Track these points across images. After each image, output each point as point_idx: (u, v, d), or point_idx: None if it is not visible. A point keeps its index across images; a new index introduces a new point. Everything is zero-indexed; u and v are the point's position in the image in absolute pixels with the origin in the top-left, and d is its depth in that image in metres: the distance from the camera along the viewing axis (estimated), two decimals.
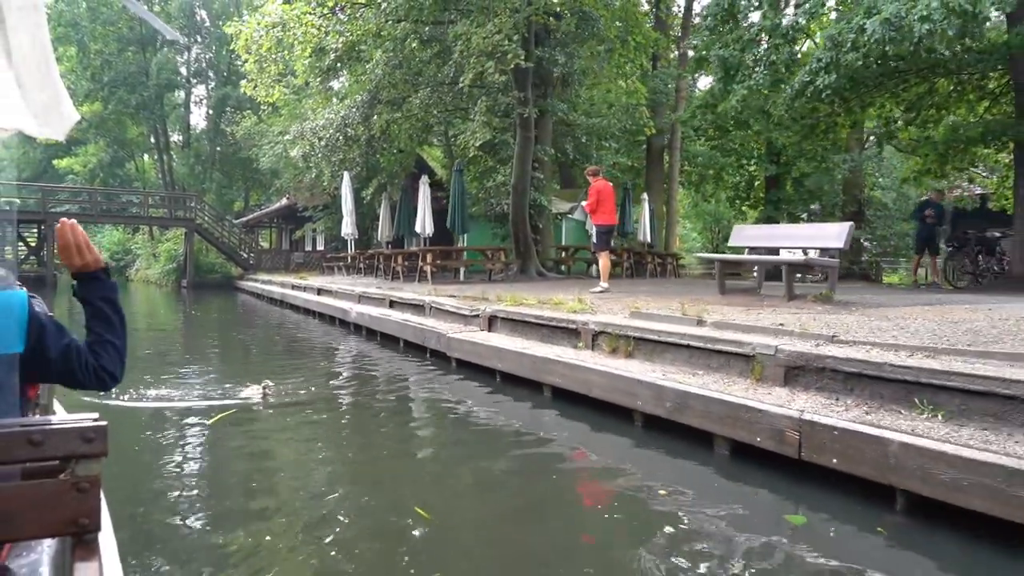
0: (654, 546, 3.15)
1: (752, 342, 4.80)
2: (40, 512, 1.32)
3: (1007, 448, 3.10)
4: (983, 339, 4.50)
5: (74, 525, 1.34)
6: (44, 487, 1.34)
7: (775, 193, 24.63)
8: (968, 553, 3.03)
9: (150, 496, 3.82)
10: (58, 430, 1.36)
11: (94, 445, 1.37)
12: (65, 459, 1.37)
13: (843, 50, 10.33)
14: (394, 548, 3.13)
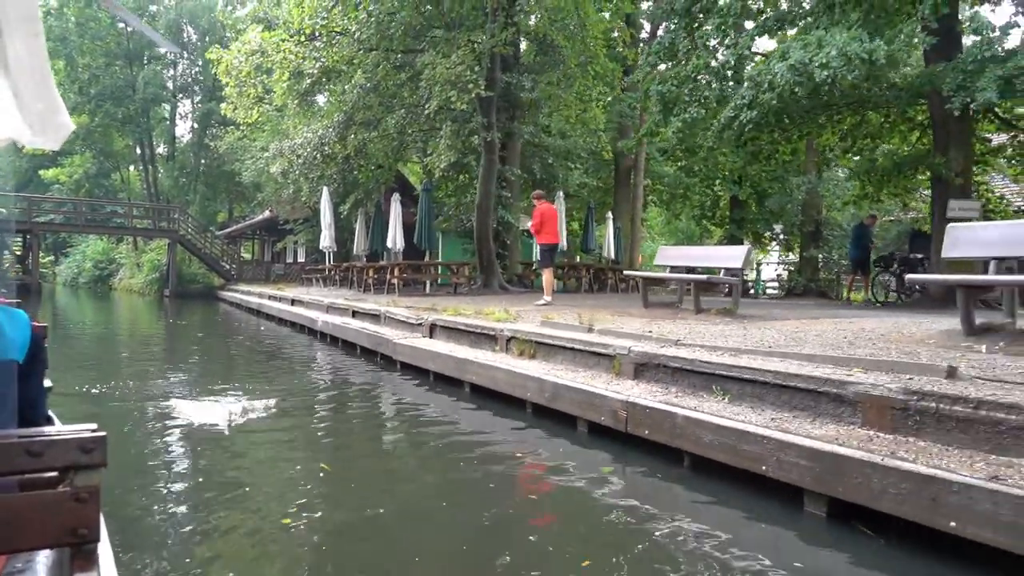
0: (523, 490, 4.36)
1: (616, 344, 6.02)
2: (39, 523, 1.32)
3: (751, 419, 4.32)
4: (800, 344, 5.71)
5: (73, 535, 1.34)
6: (44, 498, 1.35)
7: (739, 213, 25.96)
8: (714, 492, 4.22)
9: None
10: (57, 441, 1.36)
11: (93, 456, 1.38)
12: (64, 470, 1.37)
13: (761, 89, 11.66)
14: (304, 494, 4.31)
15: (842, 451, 3.55)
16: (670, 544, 3.47)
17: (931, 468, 3.18)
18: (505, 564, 3.28)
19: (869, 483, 3.38)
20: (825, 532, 3.60)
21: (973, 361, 4.57)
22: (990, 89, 10.69)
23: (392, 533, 3.63)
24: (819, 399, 4.26)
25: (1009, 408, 3.37)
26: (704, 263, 10.17)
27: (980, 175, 17.10)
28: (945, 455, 3.41)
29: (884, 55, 11.03)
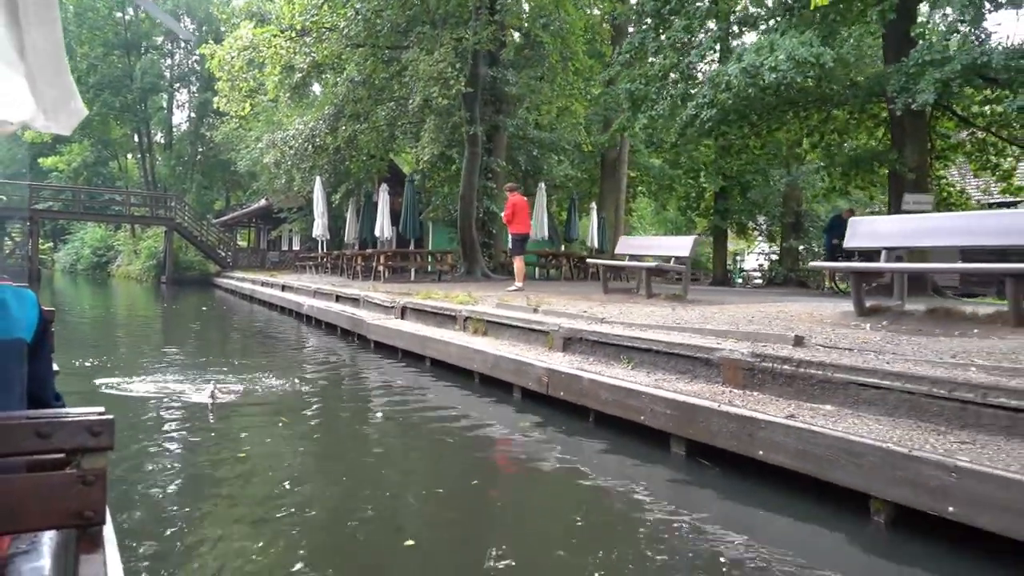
0: (463, 443, 5.29)
1: (550, 322, 6.94)
2: (46, 504, 1.33)
3: (641, 380, 5.24)
4: (708, 322, 6.61)
5: (79, 518, 1.36)
6: (51, 479, 1.37)
7: (722, 204, 26.78)
8: (608, 440, 5.12)
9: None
10: (66, 423, 1.38)
11: (101, 439, 1.39)
12: (72, 452, 1.38)
13: (719, 89, 12.52)
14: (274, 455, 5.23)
15: (694, 401, 4.47)
16: (568, 479, 4.42)
17: (750, 411, 4.10)
18: (443, 493, 4.21)
19: (710, 425, 4.30)
20: (684, 467, 4.52)
21: (841, 334, 5.47)
22: (928, 91, 11.54)
23: (363, 473, 4.56)
24: (695, 363, 5.18)
25: (818, 366, 4.29)
26: (658, 252, 11.06)
27: (941, 169, 17.94)
28: (770, 403, 4.33)
29: (831, 59, 11.91)
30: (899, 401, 3.87)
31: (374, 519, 3.67)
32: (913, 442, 3.38)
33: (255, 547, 3.21)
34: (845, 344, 4.94)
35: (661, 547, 3.30)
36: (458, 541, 3.49)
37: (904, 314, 6.42)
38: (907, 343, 4.98)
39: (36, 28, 1.61)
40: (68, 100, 1.72)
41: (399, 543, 3.31)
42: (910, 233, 6.79)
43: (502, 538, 3.46)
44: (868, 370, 4.06)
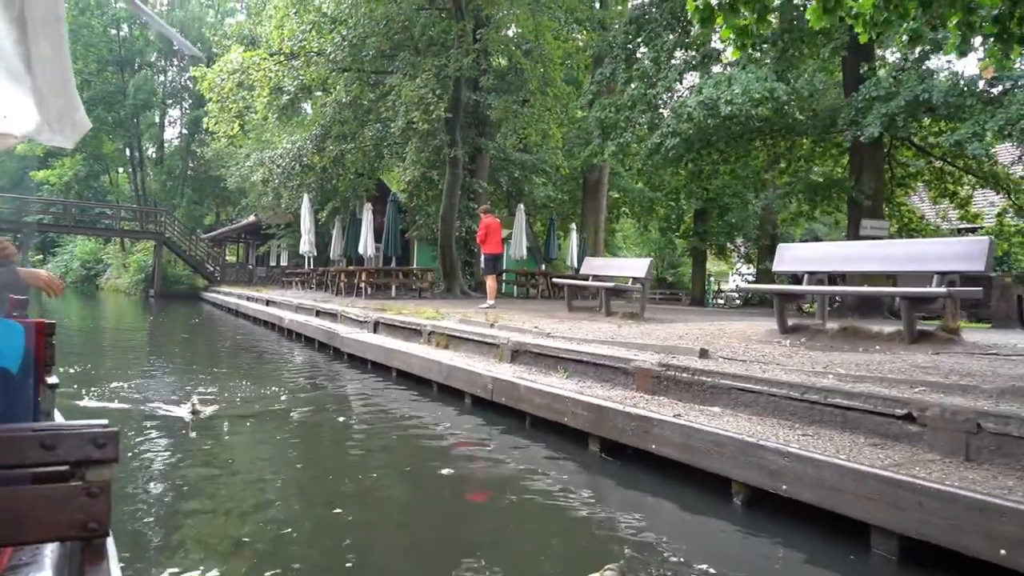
0: (416, 444, 5.99)
1: (501, 336, 7.67)
2: (51, 516, 1.35)
3: (569, 386, 5.96)
4: (645, 337, 7.34)
5: (84, 529, 1.38)
6: (56, 491, 1.38)
7: (702, 226, 27.67)
8: (540, 440, 5.82)
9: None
10: (70, 435, 1.40)
11: (105, 451, 1.41)
12: (76, 464, 1.40)
13: (681, 120, 13.36)
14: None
15: (607, 404, 5.20)
16: (497, 472, 5.12)
17: (646, 411, 4.83)
18: (397, 485, 4.92)
19: (617, 424, 5.02)
20: (597, 462, 5.23)
21: (754, 348, 6.22)
22: (875, 125, 12.43)
23: (328, 464, 5.26)
24: (615, 372, 5.92)
25: (709, 374, 5.03)
26: (618, 273, 11.80)
27: (902, 196, 18.83)
28: (670, 404, 5.06)
29: (785, 93, 12.77)
30: (767, 403, 4.61)
31: (328, 507, 4.37)
32: (765, 435, 4.12)
33: (234, 553, 3.82)
34: (746, 357, 5.69)
35: (566, 526, 4.02)
36: (395, 510, 4.20)
37: (821, 332, 7.17)
38: (803, 356, 5.73)
39: (44, 42, 1.65)
40: (73, 113, 1.75)
41: (335, 511, 4.02)
42: (824, 259, 7.58)
43: (437, 513, 4.17)
44: (745, 377, 4.81)
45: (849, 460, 3.54)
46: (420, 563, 3.55)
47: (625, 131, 14.90)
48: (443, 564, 3.42)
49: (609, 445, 5.20)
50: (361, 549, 3.61)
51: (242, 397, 7.65)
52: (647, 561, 3.41)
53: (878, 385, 4.25)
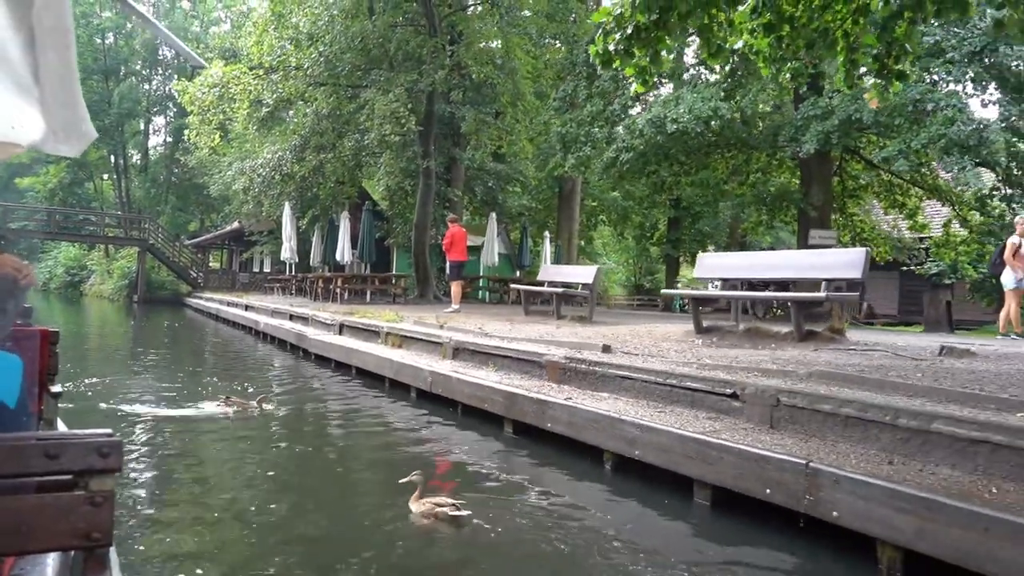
0: (364, 432, 6.90)
1: (445, 336, 8.60)
2: (55, 525, 1.37)
3: (493, 378, 6.89)
4: (573, 336, 8.28)
5: (87, 539, 1.39)
6: (60, 500, 1.40)
7: (675, 233, 28.70)
8: (468, 426, 6.73)
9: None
10: (74, 444, 1.42)
11: (109, 460, 1.43)
12: (80, 473, 1.41)
13: (634, 136, 14.37)
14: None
15: (517, 391, 6.14)
16: (426, 450, 6.05)
17: (545, 396, 5.77)
18: (346, 466, 5.83)
19: (524, 408, 5.96)
20: (512, 442, 6.16)
21: (663, 345, 7.17)
22: (812, 142, 13.47)
23: (294, 447, 6.17)
24: (532, 365, 6.87)
25: (600, 365, 5.98)
26: (569, 279, 12.75)
27: (854, 207, 19.90)
28: (570, 391, 6.00)
29: (729, 111, 13.80)
30: (641, 387, 5.56)
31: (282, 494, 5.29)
32: (630, 412, 5.06)
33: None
34: (644, 352, 6.64)
35: (474, 489, 4.95)
36: (341, 484, 5.12)
37: (730, 332, 8.13)
38: (696, 352, 6.70)
39: (51, 52, 1.66)
40: (80, 123, 1.77)
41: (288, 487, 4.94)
42: (735, 268, 8.59)
43: (378, 484, 5.10)
44: (627, 367, 5.76)
45: (679, 428, 4.49)
46: (368, 497, 4.47)
47: (584, 145, 15.91)
48: (382, 506, 4.35)
49: (519, 426, 6.13)
50: (307, 510, 4.53)
51: (211, 392, 8.54)
52: (534, 511, 4.35)
53: (725, 372, 5.21)
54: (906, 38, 6.62)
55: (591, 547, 3.73)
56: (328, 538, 3.85)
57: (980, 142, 12.05)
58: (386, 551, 3.67)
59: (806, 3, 6.75)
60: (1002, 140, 11.97)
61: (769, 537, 3.82)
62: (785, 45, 7.03)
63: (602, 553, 3.65)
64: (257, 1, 21.77)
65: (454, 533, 3.86)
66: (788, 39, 6.96)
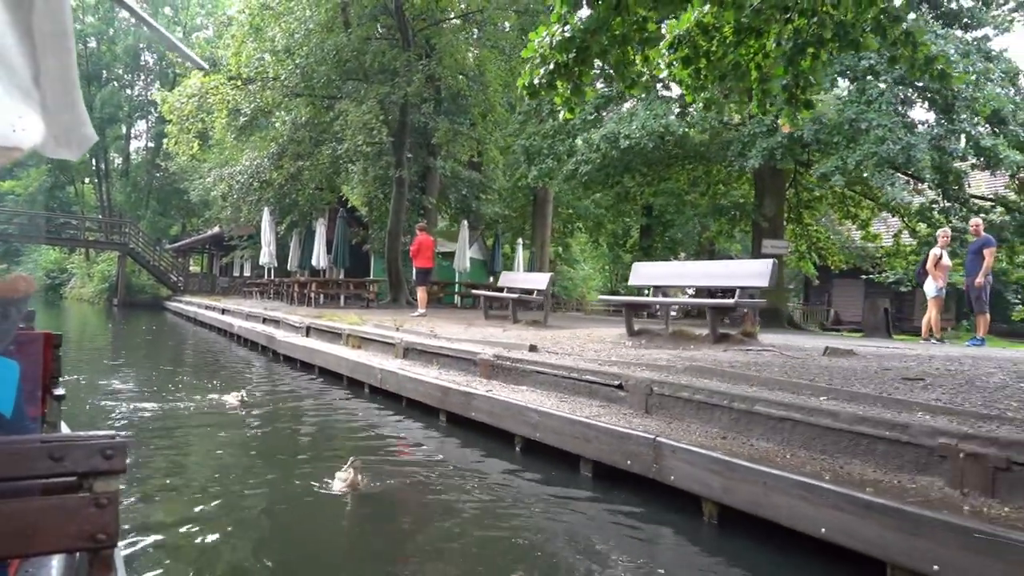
0: (321, 425, 7.71)
1: (398, 337, 9.43)
2: (59, 527, 1.38)
3: (432, 374, 7.72)
4: (517, 339, 9.12)
5: (92, 540, 1.41)
6: (64, 502, 1.42)
7: (647, 241, 29.63)
8: (413, 416, 7.55)
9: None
10: (78, 446, 1.44)
11: (114, 462, 1.45)
12: (84, 475, 1.43)
13: (592, 149, 15.27)
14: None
15: (449, 385, 6.98)
16: (372, 438, 6.87)
17: (471, 389, 6.61)
18: (301, 451, 6.65)
19: (454, 400, 6.80)
20: (444, 430, 6.99)
21: (592, 346, 8.02)
22: (756, 157, 14.41)
23: (256, 429, 6.98)
24: (467, 363, 7.71)
25: (521, 362, 6.84)
26: (525, 285, 13.59)
27: (810, 218, 20.90)
28: (495, 385, 6.85)
29: (679, 127, 14.72)
30: (552, 381, 6.42)
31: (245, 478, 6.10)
32: (537, 402, 5.91)
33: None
34: (570, 351, 7.50)
35: (408, 468, 5.78)
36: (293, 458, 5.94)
37: (658, 335, 9.00)
38: (616, 351, 7.55)
39: (52, 56, 1.67)
40: (80, 127, 1.78)
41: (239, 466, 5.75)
42: (665, 276, 9.47)
43: (325, 455, 5.92)
44: (542, 363, 6.62)
45: (568, 413, 5.35)
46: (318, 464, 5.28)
47: (547, 157, 16.80)
48: (315, 488, 5.17)
49: (451, 416, 6.97)
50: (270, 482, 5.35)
51: (182, 393, 9.33)
52: (449, 485, 5.19)
53: (619, 368, 6.07)
54: (811, 71, 7.49)
55: (491, 512, 4.57)
56: (270, 513, 4.67)
57: (908, 160, 13.02)
58: (320, 523, 4.50)
59: (720, 39, 7.62)
60: (928, 158, 12.92)
61: (630, 499, 4.68)
62: (703, 76, 7.88)
63: (497, 516, 4.49)
64: (236, 11, 22.44)
65: (371, 503, 4.69)
66: (705, 71, 7.83)
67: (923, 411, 3.93)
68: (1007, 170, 13.98)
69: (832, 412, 4.07)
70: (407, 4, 18.93)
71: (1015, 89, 15.63)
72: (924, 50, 8.18)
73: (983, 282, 11.42)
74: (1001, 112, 13.84)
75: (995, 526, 2.90)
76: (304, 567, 3.67)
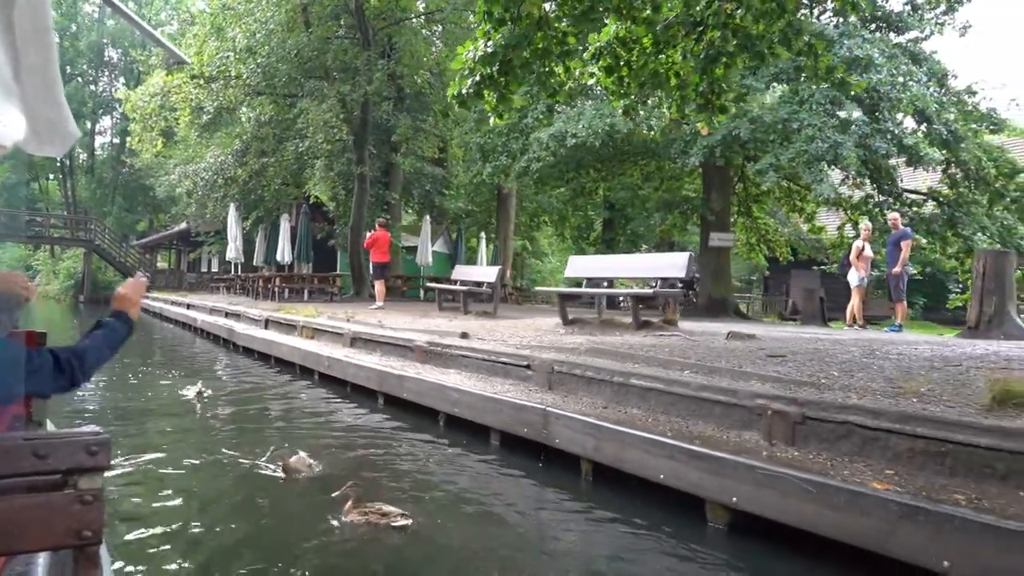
0: (273, 408, 8.37)
1: (346, 327, 10.12)
2: (45, 524, 1.39)
3: (374, 360, 8.42)
4: (457, 327, 9.82)
5: (77, 537, 1.41)
6: (49, 500, 1.42)
7: (609, 234, 30.50)
8: (356, 401, 8.24)
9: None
10: (63, 443, 1.44)
11: (98, 458, 1.45)
12: (69, 472, 1.43)
13: (542, 148, 15.99)
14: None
15: (385, 369, 7.69)
16: (317, 418, 7.56)
17: (402, 372, 7.33)
18: (251, 432, 7.32)
19: (389, 382, 7.51)
20: (381, 410, 7.70)
21: (525, 334, 8.74)
22: (697, 155, 15.21)
23: (219, 411, 7.63)
24: (405, 350, 8.43)
25: (449, 347, 7.57)
26: (476, 278, 14.31)
27: (759, 211, 21.82)
28: (431, 368, 7.56)
29: (624, 127, 15.48)
30: (475, 364, 7.16)
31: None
32: (458, 382, 6.64)
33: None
34: (500, 338, 8.23)
35: (348, 443, 6.47)
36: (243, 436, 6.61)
37: (589, 324, 9.76)
38: (546, 338, 8.30)
39: (33, 53, 1.66)
40: (63, 124, 1.75)
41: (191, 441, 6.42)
42: (596, 268, 10.24)
43: (277, 432, 6.60)
44: (467, 348, 7.36)
45: (481, 391, 6.09)
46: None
47: (501, 155, 17.49)
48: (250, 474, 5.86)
49: (387, 397, 7.69)
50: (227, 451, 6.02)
51: (144, 386, 9.94)
52: (379, 456, 5.91)
53: (532, 351, 6.82)
54: (724, 79, 8.25)
55: (412, 475, 5.30)
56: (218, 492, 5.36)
57: (835, 158, 13.89)
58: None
59: (640, 50, 8.36)
60: (853, 155, 13.80)
61: (527, 461, 5.43)
62: (627, 83, 8.63)
63: (417, 480, 5.21)
64: (198, 10, 22.89)
65: (310, 480, 5.39)
66: (628, 78, 8.58)
67: (757, 380, 4.72)
68: (928, 167, 14.91)
69: (685, 383, 4.85)
70: (367, 4, 19.48)
71: (944, 89, 16.63)
72: (825, 60, 9.04)
73: (900, 272, 12.35)
74: (926, 111, 14.79)
75: (778, 465, 3.69)
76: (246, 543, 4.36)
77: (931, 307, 25.48)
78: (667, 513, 4.25)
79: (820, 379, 4.61)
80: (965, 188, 16.05)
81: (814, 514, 3.42)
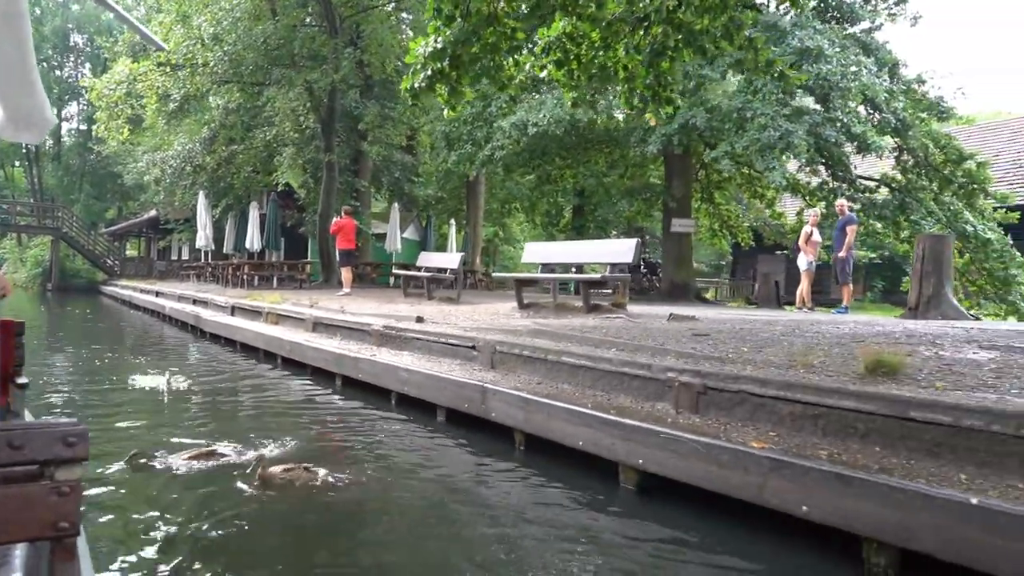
0: (238, 390, 8.72)
1: (310, 313, 10.47)
2: (21, 516, 1.37)
3: (333, 344, 8.79)
4: (417, 312, 10.20)
5: (54, 529, 1.40)
6: (25, 491, 1.40)
7: (579, 221, 30.92)
8: (317, 382, 8.62)
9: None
10: (39, 433, 1.43)
11: (76, 449, 1.44)
12: (45, 463, 1.42)
13: (505, 136, 16.36)
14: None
15: (342, 352, 8.07)
16: (278, 398, 7.92)
17: (358, 354, 7.71)
18: (225, 415, 7.67)
19: (345, 364, 7.89)
20: (338, 391, 8.08)
21: (482, 319, 9.15)
22: (655, 144, 15.66)
23: (191, 397, 7.96)
24: (363, 334, 8.82)
25: (405, 331, 7.96)
26: (439, 264, 14.68)
27: (721, 198, 22.38)
28: (387, 351, 7.95)
29: (584, 116, 15.89)
30: (428, 346, 7.57)
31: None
32: (412, 363, 7.04)
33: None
34: (456, 323, 8.64)
35: (306, 422, 6.85)
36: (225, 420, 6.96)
37: (544, 308, 10.18)
38: (498, 321, 8.71)
39: (6, 40, 1.65)
40: (40, 110, 1.74)
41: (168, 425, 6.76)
42: (551, 254, 10.66)
43: (245, 418, 6.96)
44: (420, 331, 7.76)
45: (427, 370, 6.50)
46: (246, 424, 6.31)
47: (466, 143, 17.84)
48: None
49: (344, 379, 8.07)
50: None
51: (111, 373, 10.22)
52: (335, 433, 6.30)
53: (480, 333, 7.24)
54: (670, 72, 8.66)
55: (362, 446, 5.71)
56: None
57: (787, 146, 14.41)
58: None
59: (588, 44, 8.75)
60: (804, 144, 14.33)
61: (468, 434, 5.86)
62: (576, 76, 9.02)
63: (366, 450, 5.62)
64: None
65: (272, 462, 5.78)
66: (578, 71, 8.96)
67: (674, 356, 5.17)
68: (878, 154, 15.49)
69: (608, 359, 5.30)
70: None
71: (895, 78, 17.23)
72: (765, 54, 9.48)
73: (845, 256, 12.92)
74: (876, 100, 15.36)
75: (677, 430, 4.14)
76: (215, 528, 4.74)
77: (890, 290, 26.23)
78: (587, 476, 4.70)
79: (729, 354, 5.07)
80: (914, 175, 16.67)
81: (704, 471, 3.88)
